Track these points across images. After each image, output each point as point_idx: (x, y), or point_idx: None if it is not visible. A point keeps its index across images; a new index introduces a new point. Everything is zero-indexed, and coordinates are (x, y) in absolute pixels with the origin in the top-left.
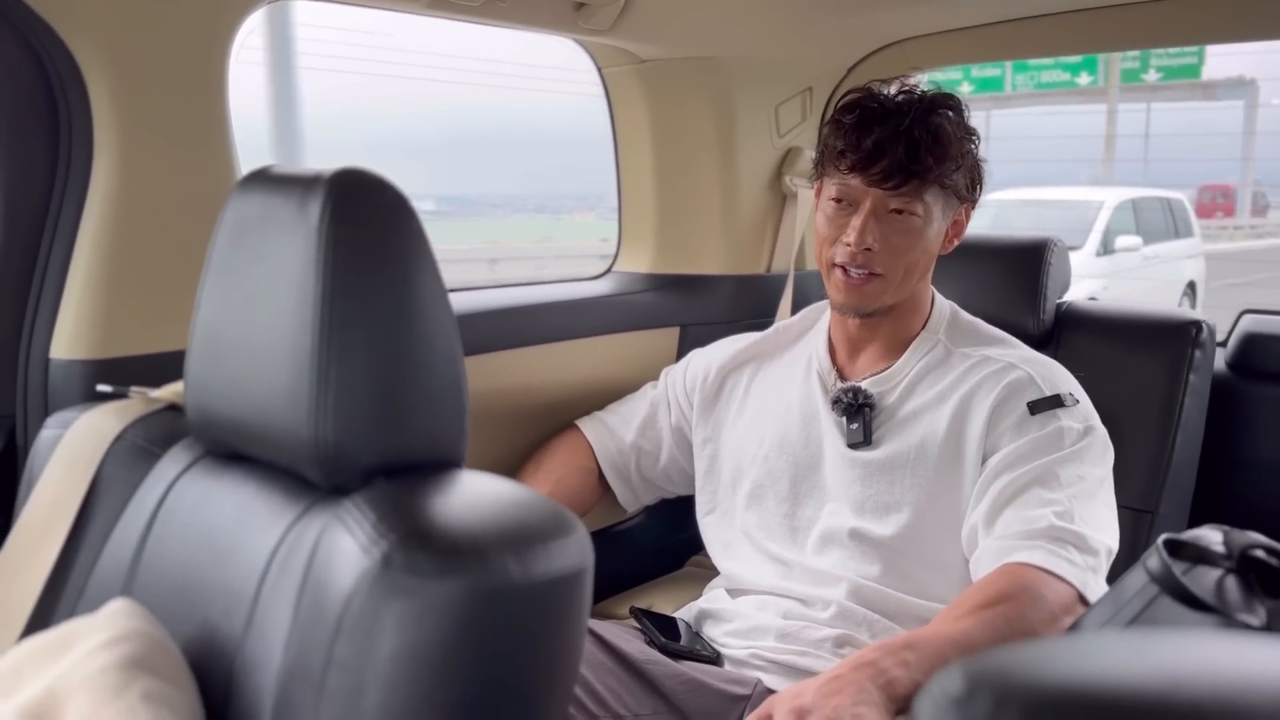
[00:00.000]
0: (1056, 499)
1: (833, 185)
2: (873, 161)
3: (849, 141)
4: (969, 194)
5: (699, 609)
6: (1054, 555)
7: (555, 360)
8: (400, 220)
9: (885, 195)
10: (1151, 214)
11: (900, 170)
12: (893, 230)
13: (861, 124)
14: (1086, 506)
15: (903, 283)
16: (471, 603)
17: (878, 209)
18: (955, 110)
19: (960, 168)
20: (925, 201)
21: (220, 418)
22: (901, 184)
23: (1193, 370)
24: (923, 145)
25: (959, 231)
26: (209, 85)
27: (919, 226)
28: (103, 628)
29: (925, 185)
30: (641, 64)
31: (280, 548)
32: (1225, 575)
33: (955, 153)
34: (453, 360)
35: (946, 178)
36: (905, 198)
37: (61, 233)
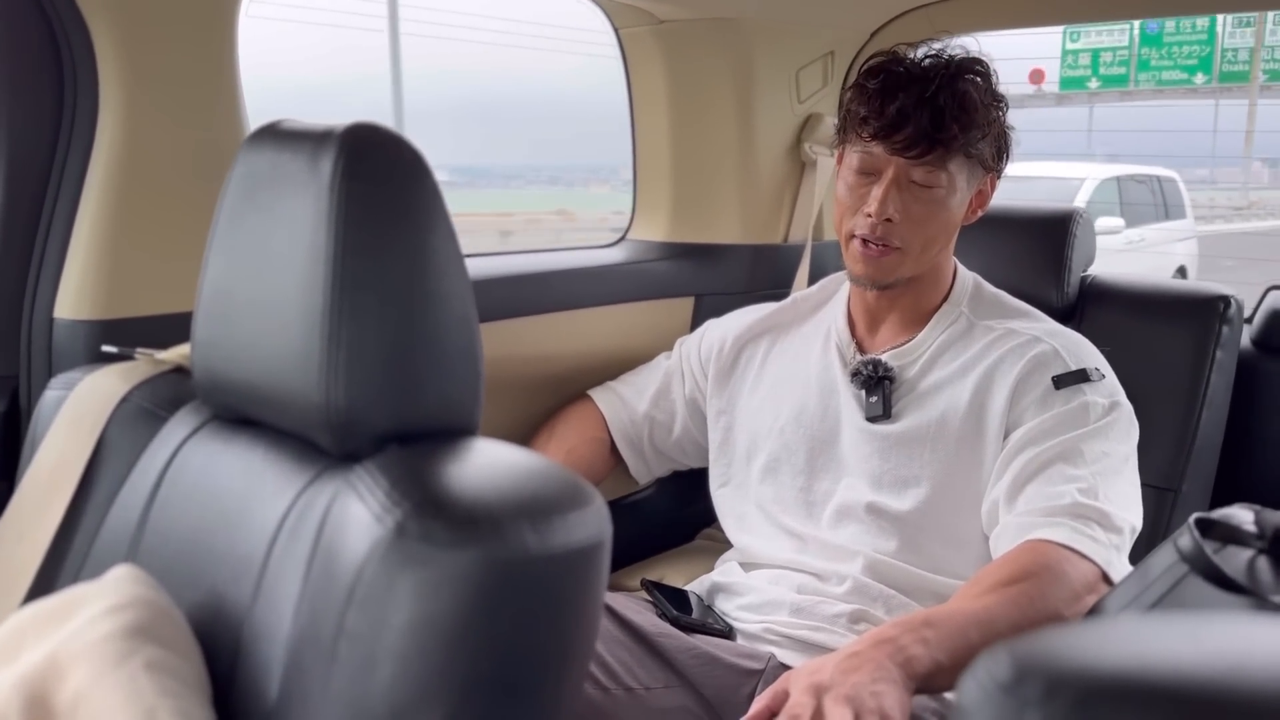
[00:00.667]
0: (1080, 475)
1: (854, 154)
2: (896, 129)
3: (872, 108)
4: (995, 163)
5: (711, 582)
6: (1077, 532)
7: (568, 329)
8: (415, 178)
9: (908, 164)
10: (1138, 192)
11: (924, 139)
12: (914, 201)
13: (885, 89)
14: (1111, 484)
15: (922, 255)
16: (487, 574)
17: (900, 178)
18: (984, 76)
19: (986, 136)
20: (949, 171)
21: (228, 380)
22: (925, 153)
23: (1219, 346)
24: (948, 112)
25: (983, 202)
26: (218, 39)
27: (942, 197)
28: (106, 594)
29: (950, 154)
30: (659, 24)
31: (290, 514)
32: (1257, 556)
33: (981, 120)
34: (467, 323)
35: (972, 146)
36: (929, 167)
37: (66, 190)
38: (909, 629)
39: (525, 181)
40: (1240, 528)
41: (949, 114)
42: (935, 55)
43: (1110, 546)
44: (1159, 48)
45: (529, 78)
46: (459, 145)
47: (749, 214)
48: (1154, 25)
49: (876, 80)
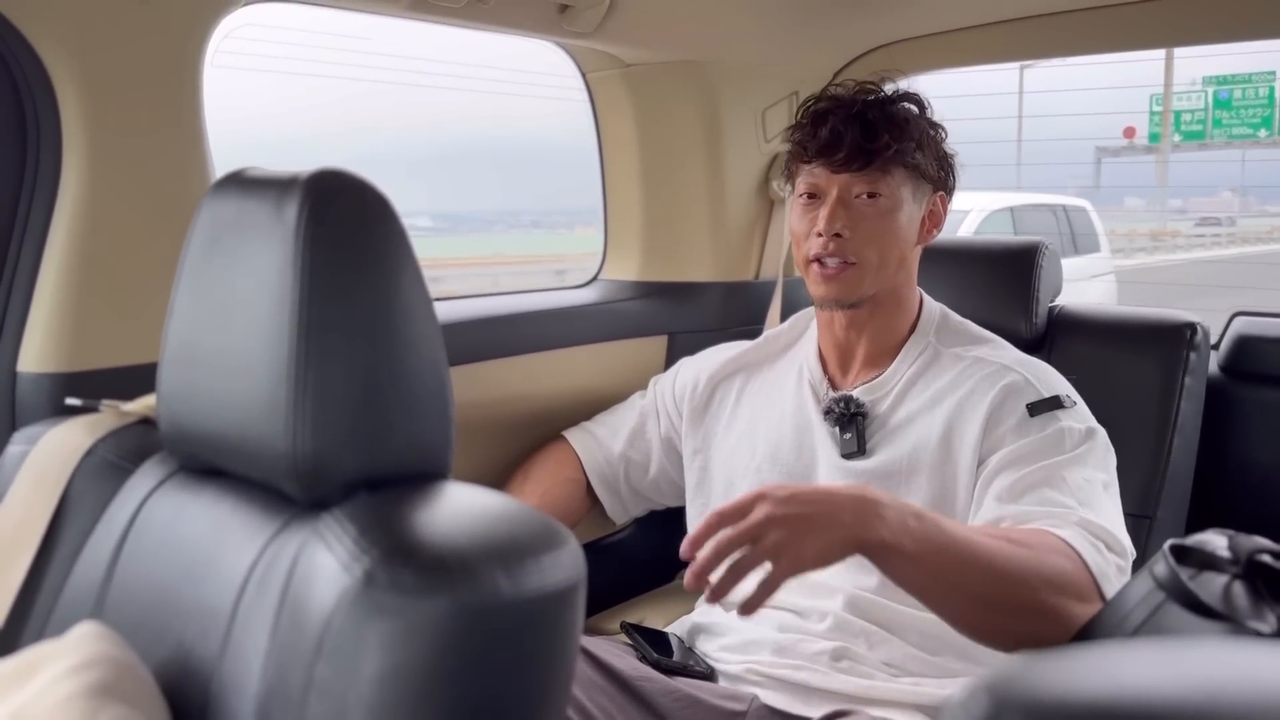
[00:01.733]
0: (1067, 503)
1: (801, 182)
2: (832, 148)
3: (806, 134)
4: (940, 177)
5: (692, 623)
6: (1084, 540)
7: (541, 370)
8: (381, 222)
9: (850, 180)
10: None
11: (860, 152)
12: (861, 216)
13: (818, 117)
14: (1101, 510)
15: (880, 270)
16: (459, 621)
17: (844, 196)
18: (918, 105)
19: (923, 149)
20: (891, 183)
21: (194, 430)
22: (863, 166)
23: (1188, 373)
24: (879, 125)
25: (936, 222)
26: (182, 89)
27: (888, 208)
28: (69, 653)
29: (888, 165)
30: (626, 68)
31: (257, 565)
32: (1232, 581)
33: (915, 132)
34: (437, 366)
35: (909, 156)
36: (869, 179)
37: (29, 240)
38: (899, 507)
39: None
40: (1215, 553)
41: (880, 126)
42: (867, 88)
43: (1110, 564)
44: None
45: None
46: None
47: (720, 252)
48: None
49: (809, 113)
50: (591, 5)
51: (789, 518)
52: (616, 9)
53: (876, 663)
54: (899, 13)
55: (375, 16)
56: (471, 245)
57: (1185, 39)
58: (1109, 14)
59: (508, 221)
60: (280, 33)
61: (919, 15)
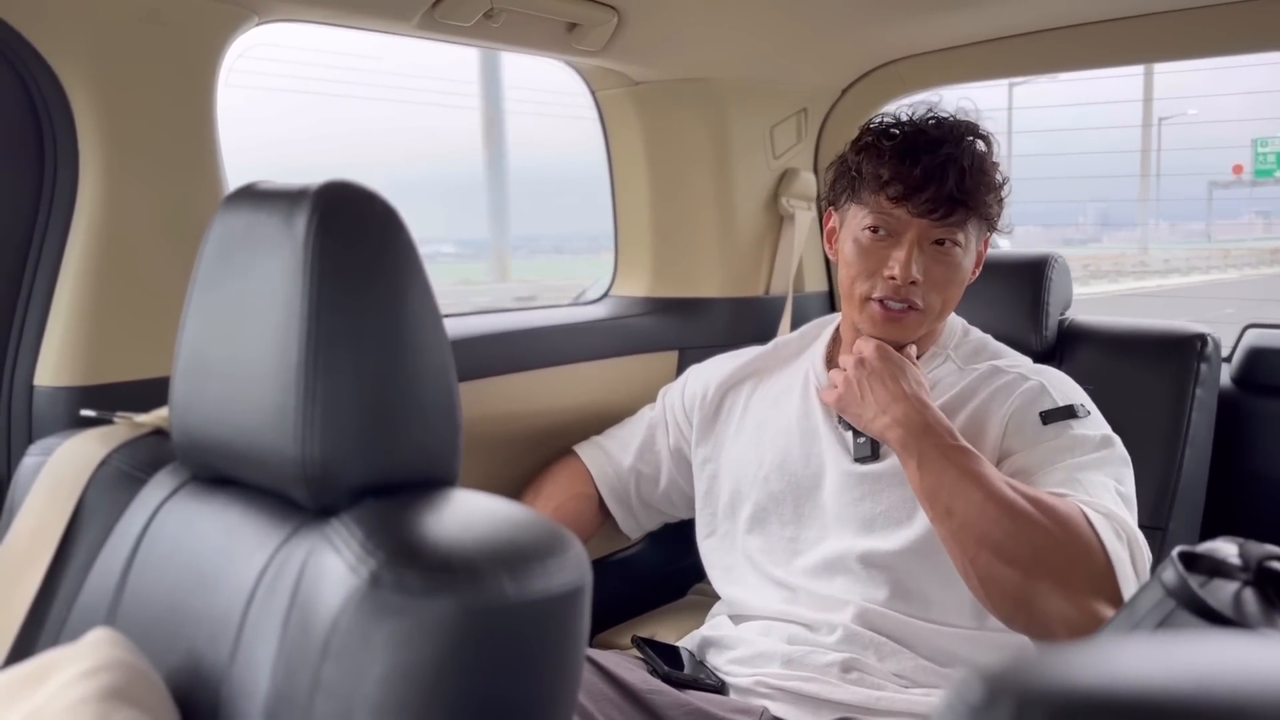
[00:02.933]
0: (1092, 502)
1: (868, 214)
2: (921, 190)
3: (895, 170)
4: (996, 223)
5: (702, 636)
6: (1107, 527)
7: (552, 385)
8: (389, 232)
9: (930, 225)
10: None
11: (948, 200)
12: (934, 262)
13: (907, 150)
14: (1117, 511)
15: (941, 315)
16: (464, 622)
17: (922, 240)
18: (985, 139)
19: (998, 198)
20: (967, 231)
21: (206, 439)
22: (949, 214)
23: (1199, 384)
24: (970, 174)
25: (979, 260)
26: (197, 108)
27: (959, 258)
28: (81, 657)
29: (970, 215)
30: (635, 86)
31: (267, 571)
32: (1242, 588)
33: (995, 182)
34: (444, 374)
35: (989, 208)
36: (949, 228)
37: (46, 257)
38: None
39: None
40: (1225, 560)
41: (970, 175)
42: (935, 117)
43: (1127, 556)
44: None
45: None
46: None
47: (729, 268)
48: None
49: (893, 141)
50: (600, 24)
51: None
52: (625, 27)
53: (887, 674)
54: (906, 29)
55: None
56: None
57: (1195, 52)
58: (1117, 28)
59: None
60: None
61: (927, 31)
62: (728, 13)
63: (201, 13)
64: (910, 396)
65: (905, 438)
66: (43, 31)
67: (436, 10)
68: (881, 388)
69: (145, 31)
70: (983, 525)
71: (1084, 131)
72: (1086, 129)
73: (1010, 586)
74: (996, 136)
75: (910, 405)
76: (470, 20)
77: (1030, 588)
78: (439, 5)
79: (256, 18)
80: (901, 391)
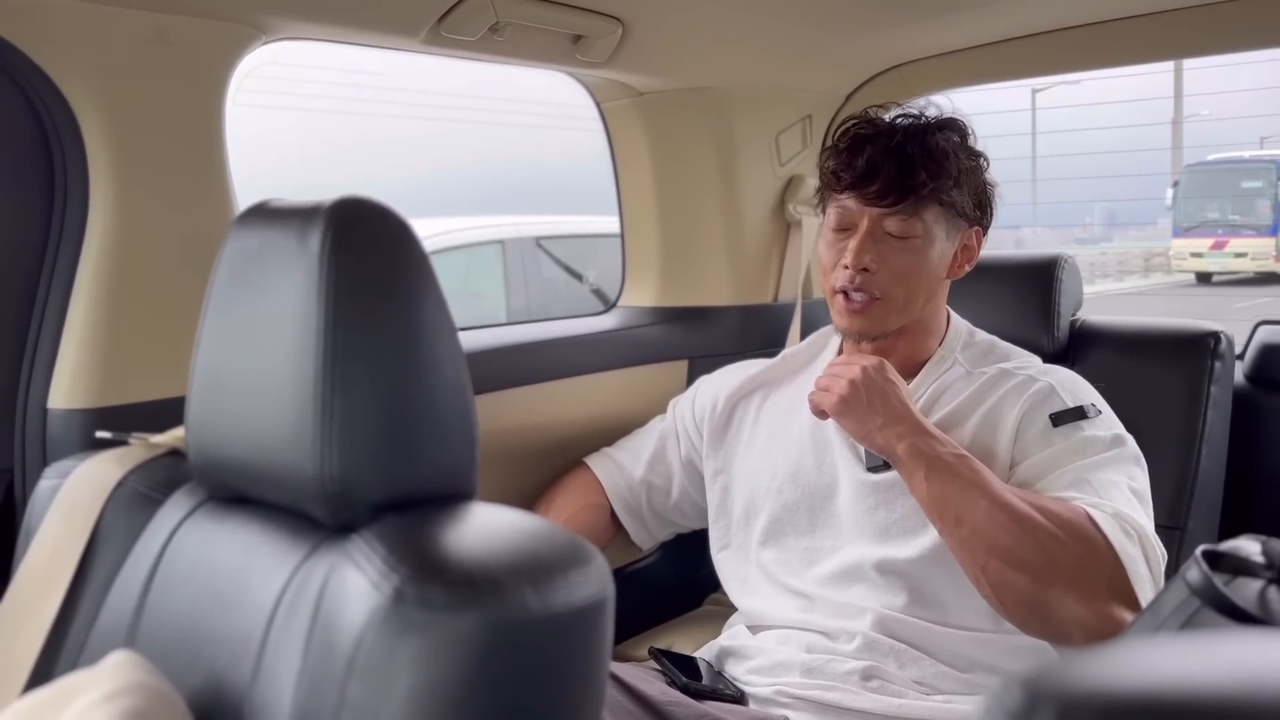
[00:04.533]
0: (1099, 504)
1: (832, 212)
2: (867, 180)
3: (841, 162)
4: (976, 215)
5: (720, 647)
6: (1114, 526)
7: (562, 397)
8: (403, 248)
9: (881, 215)
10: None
11: (895, 187)
12: (891, 251)
13: (855, 145)
14: (1128, 509)
15: (906, 307)
16: (489, 636)
17: (874, 229)
18: (959, 133)
19: (960, 185)
20: (924, 220)
21: (223, 459)
22: (897, 202)
23: (1213, 382)
24: (917, 161)
25: (970, 257)
26: (206, 127)
27: (919, 247)
28: (102, 681)
29: (922, 203)
30: (640, 96)
31: (287, 590)
32: (1267, 586)
33: (953, 169)
34: (460, 388)
35: (944, 194)
36: (902, 216)
37: (58, 280)
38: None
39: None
40: (1249, 558)
41: (918, 162)
42: (907, 114)
43: (1139, 554)
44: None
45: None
46: None
47: (738, 275)
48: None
49: (846, 138)
50: (604, 35)
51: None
52: (629, 38)
53: (907, 681)
54: (909, 34)
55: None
56: None
57: (1197, 49)
58: (1125, 26)
59: None
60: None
61: (929, 35)
62: (731, 21)
63: (208, 33)
64: (913, 412)
65: (913, 449)
66: (51, 54)
67: (442, 25)
68: (886, 401)
69: (153, 52)
70: (991, 531)
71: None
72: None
73: (1022, 592)
74: (972, 129)
75: (915, 419)
76: (476, 35)
77: (1042, 593)
78: (445, 20)
79: (263, 36)
80: (906, 406)
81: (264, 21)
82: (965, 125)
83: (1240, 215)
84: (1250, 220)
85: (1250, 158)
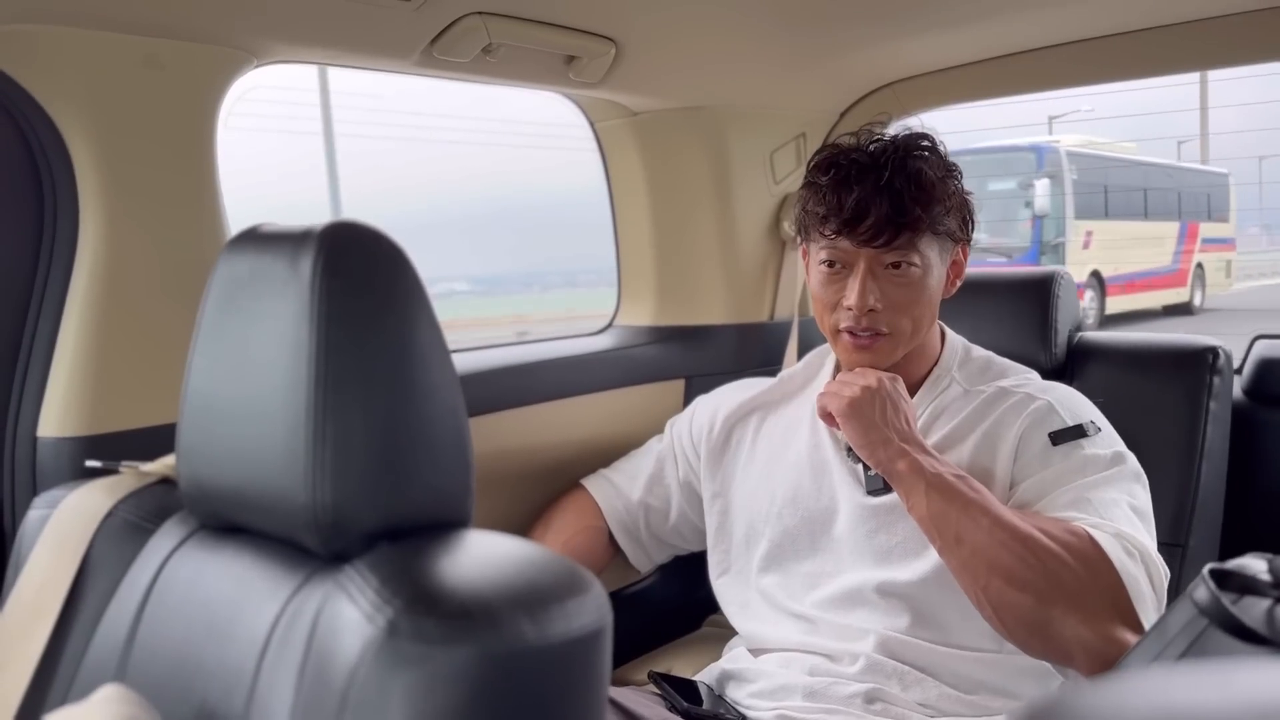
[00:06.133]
0: (1095, 522)
1: (821, 249)
2: (859, 221)
3: (830, 205)
4: (962, 233)
5: (720, 670)
6: (1116, 545)
7: (558, 418)
8: (395, 271)
9: (878, 253)
10: None
11: (889, 225)
12: (892, 286)
13: (839, 183)
14: (1129, 529)
15: (913, 336)
16: (485, 669)
17: (873, 267)
18: (931, 149)
19: (949, 210)
20: (920, 251)
21: (214, 487)
22: (892, 239)
23: (1212, 397)
24: (906, 195)
25: (959, 272)
26: (197, 152)
27: (919, 278)
28: (91, 716)
29: (917, 235)
30: (634, 116)
31: (280, 621)
32: (1275, 605)
33: (941, 195)
34: (455, 413)
35: (938, 223)
36: (899, 251)
37: (48, 306)
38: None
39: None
40: (1256, 577)
41: (907, 196)
42: (879, 139)
43: (1142, 574)
44: None
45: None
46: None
47: (733, 294)
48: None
49: (828, 175)
50: (598, 55)
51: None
52: (622, 59)
53: (911, 704)
54: (901, 53)
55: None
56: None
57: (1179, 66)
58: (1108, 44)
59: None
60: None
61: (922, 53)
62: (723, 42)
63: (199, 57)
64: (915, 432)
65: (913, 466)
66: (39, 79)
67: (435, 47)
68: (894, 415)
69: (143, 76)
70: (992, 551)
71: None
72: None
73: (1024, 613)
74: (943, 144)
75: (917, 440)
76: (468, 56)
77: (1044, 613)
78: (437, 42)
79: (255, 60)
80: (911, 425)
81: (255, 45)
82: (935, 138)
83: (990, 233)
84: (1002, 241)
85: (1007, 145)
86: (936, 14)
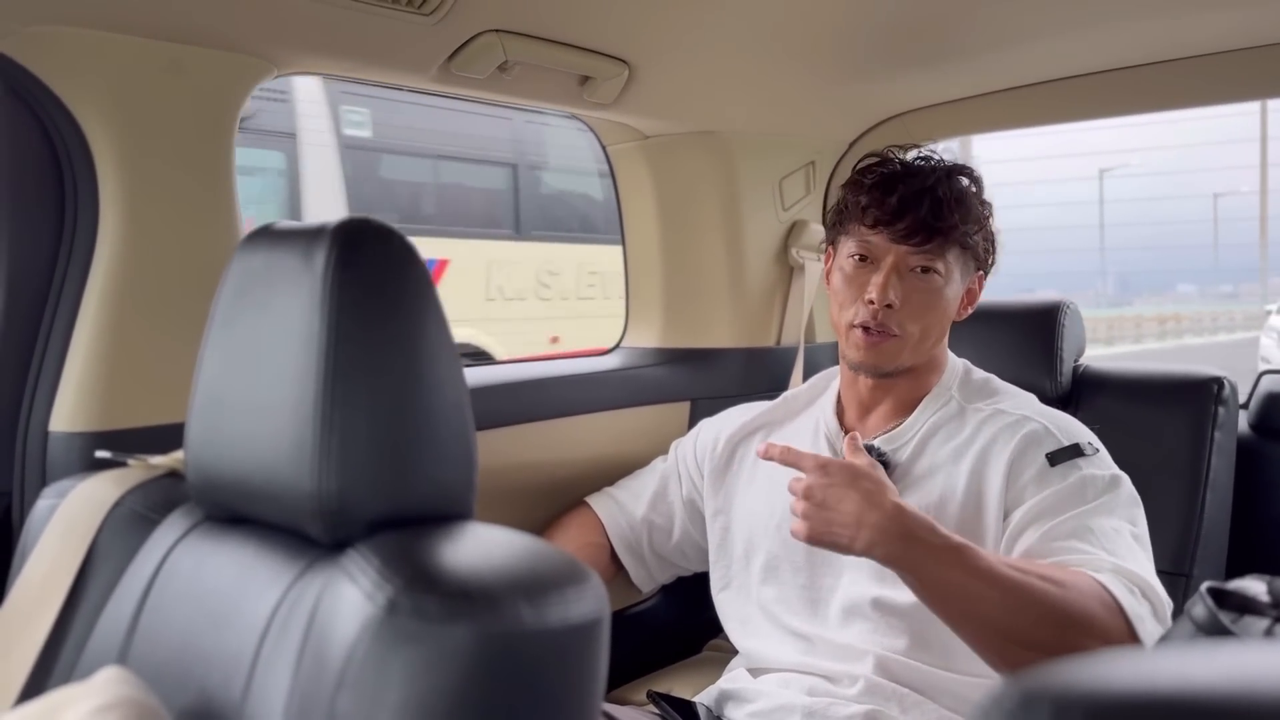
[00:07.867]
0: (1097, 554)
1: (853, 242)
2: (898, 217)
3: (873, 198)
4: (985, 259)
5: (720, 690)
6: (1120, 585)
7: (564, 436)
8: (406, 267)
9: (908, 252)
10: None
11: (925, 227)
12: (914, 289)
13: (885, 181)
14: (1133, 559)
15: (920, 345)
16: (482, 649)
17: (900, 266)
18: (974, 180)
19: (981, 230)
20: (947, 261)
21: (221, 477)
22: (925, 240)
23: (1217, 428)
24: (946, 203)
25: (973, 299)
26: (215, 155)
27: (939, 286)
28: (91, 695)
29: (948, 243)
30: (645, 140)
31: (280, 608)
32: (1273, 625)
33: (977, 214)
34: (460, 409)
35: (970, 237)
36: (928, 255)
37: (65, 303)
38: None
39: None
40: (1255, 598)
41: (947, 204)
42: (926, 156)
43: (1145, 610)
44: None
45: None
46: None
47: (741, 318)
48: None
49: (874, 175)
50: (611, 77)
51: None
52: (635, 81)
53: None
54: (913, 83)
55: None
56: None
57: (1191, 100)
58: (1120, 77)
59: None
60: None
61: (933, 85)
62: (736, 67)
63: (222, 64)
64: (879, 503)
65: (890, 553)
66: (65, 80)
67: (452, 63)
68: (848, 500)
69: (166, 81)
70: (1004, 620)
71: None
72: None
73: (1037, 664)
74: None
75: (883, 513)
76: (485, 73)
77: (1056, 662)
78: (455, 58)
79: (276, 69)
80: (869, 499)
81: (277, 55)
82: (977, 173)
83: None
84: None
85: None
86: (949, 45)
